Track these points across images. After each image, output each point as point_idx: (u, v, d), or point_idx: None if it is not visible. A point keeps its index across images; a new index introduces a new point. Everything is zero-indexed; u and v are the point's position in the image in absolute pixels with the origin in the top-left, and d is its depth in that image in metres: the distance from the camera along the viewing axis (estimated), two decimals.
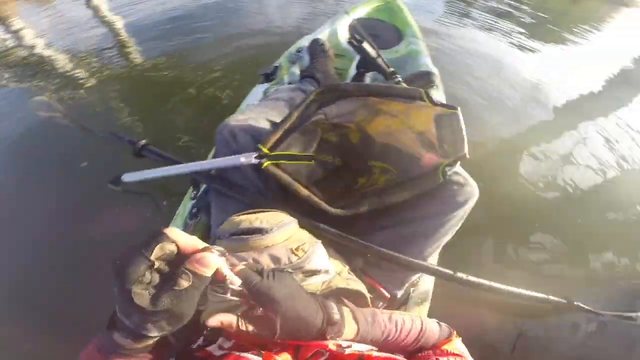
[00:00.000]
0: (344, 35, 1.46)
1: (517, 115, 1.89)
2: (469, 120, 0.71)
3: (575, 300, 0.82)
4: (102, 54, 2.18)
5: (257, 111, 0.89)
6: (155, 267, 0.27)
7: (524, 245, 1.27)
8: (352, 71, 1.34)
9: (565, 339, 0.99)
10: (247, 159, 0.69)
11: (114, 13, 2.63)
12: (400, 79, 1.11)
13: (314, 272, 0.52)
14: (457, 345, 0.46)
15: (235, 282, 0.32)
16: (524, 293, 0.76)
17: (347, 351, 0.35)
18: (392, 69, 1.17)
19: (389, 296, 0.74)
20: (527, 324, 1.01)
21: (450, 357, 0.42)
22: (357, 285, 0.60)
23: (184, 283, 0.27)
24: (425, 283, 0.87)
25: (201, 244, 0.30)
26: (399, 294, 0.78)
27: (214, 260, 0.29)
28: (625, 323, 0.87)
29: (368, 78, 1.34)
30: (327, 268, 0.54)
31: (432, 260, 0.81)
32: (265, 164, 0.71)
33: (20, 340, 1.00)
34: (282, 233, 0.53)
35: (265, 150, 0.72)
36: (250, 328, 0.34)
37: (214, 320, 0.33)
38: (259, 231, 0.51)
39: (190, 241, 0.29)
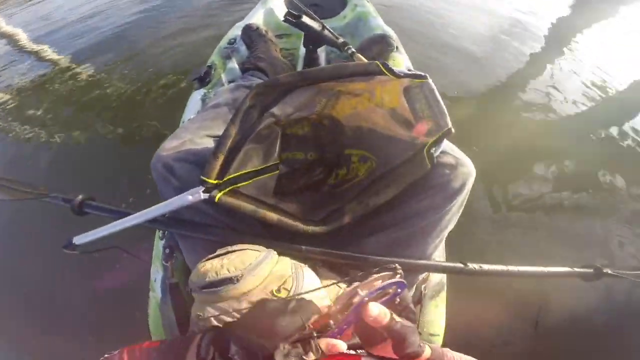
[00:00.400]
0: (281, 12, 1.28)
1: (495, 66, 1.77)
2: (445, 84, 0.57)
3: (599, 266, 0.74)
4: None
5: (194, 129, 0.73)
6: None
7: (532, 219, 1.20)
8: (302, 50, 1.18)
9: (594, 309, 0.94)
10: (195, 196, 0.57)
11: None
12: (353, 50, 0.96)
13: None
14: None
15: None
16: (544, 271, 0.67)
17: None
18: (342, 40, 1.01)
19: (397, 301, 0.65)
20: (552, 301, 0.95)
21: None
22: None
23: (312, 356, 0.32)
24: (436, 274, 0.78)
25: None
26: (409, 294, 0.68)
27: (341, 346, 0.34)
28: None
29: (322, 54, 1.18)
30: (318, 303, 0.47)
31: (438, 254, 0.71)
32: (218, 197, 0.58)
33: None
34: (257, 275, 0.48)
35: (211, 181, 0.58)
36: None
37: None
38: (229, 280, 0.46)
39: None
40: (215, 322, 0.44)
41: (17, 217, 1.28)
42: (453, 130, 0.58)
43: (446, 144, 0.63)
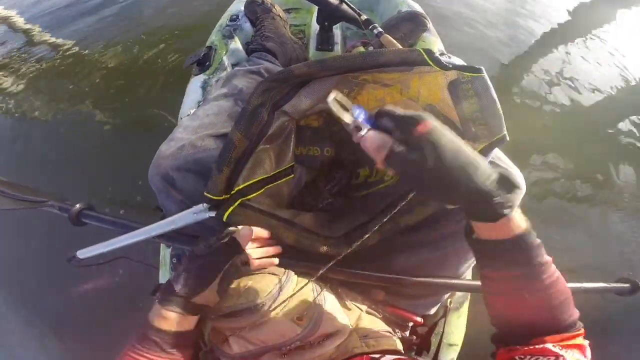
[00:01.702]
0: None
1: (506, 48, 1.60)
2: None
3: (637, 280, 0.67)
4: None
5: (194, 127, 0.62)
6: None
7: (563, 228, 1.09)
8: (315, 26, 1.03)
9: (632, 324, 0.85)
10: (200, 214, 0.51)
11: None
12: (380, 30, 0.81)
13: (326, 337, 0.45)
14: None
15: None
16: (576, 286, 0.61)
17: None
18: (364, 17, 0.86)
19: (421, 321, 0.62)
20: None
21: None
22: (381, 326, 0.52)
23: None
24: None
25: None
26: (433, 310, 0.65)
27: None
28: None
29: (337, 31, 1.03)
30: (340, 328, 0.47)
31: (469, 272, 0.64)
32: (226, 215, 0.50)
33: None
34: (276, 303, 0.46)
35: (216, 198, 0.50)
36: None
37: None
38: (249, 311, 0.45)
39: None
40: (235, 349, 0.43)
41: (20, 220, 1.20)
42: (507, 137, 0.47)
43: (494, 152, 0.53)
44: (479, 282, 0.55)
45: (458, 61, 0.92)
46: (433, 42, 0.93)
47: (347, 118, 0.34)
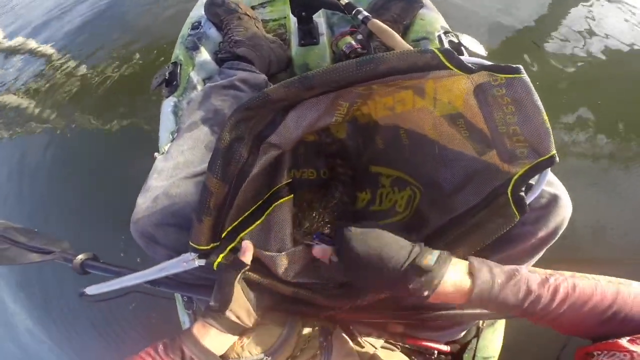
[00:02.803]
0: None
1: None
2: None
3: None
4: None
5: (168, 170, 0.58)
6: None
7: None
8: (294, 19, 0.90)
9: None
10: (189, 263, 0.47)
11: None
12: (365, 14, 0.67)
13: None
14: None
15: None
16: None
17: None
18: (345, 0, 0.72)
19: (448, 349, 0.57)
20: None
21: None
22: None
23: None
24: None
25: None
26: (462, 335, 0.61)
27: None
28: None
29: (320, 19, 0.90)
30: None
31: None
32: (216, 263, 0.45)
33: None
34: (280, 358, 0.44)
35: (202, 247, 0.45)
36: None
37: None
38: None
39: None
40: None
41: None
42: (557, 158, 0.36)
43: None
44: None
45: (474, 45, 0.78)
46: (434, 20, 0.79)
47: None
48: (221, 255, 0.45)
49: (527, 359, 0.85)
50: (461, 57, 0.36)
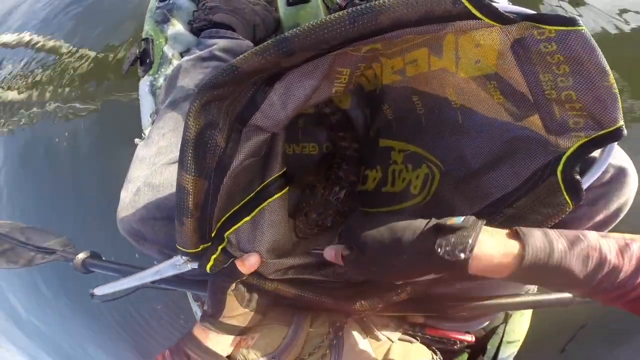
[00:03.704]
0: None
1: None
2: None
3: None
4: None
5: (150, 157, 0.53)
6: None
7: None
8: None
9: None
10: (181, 266, 0.44)
11: None
12: None
13: None
14: None
15: None
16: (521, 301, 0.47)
17: None
18: None
19: (472, 339, 0.53)
20: None
21: None
22: (418, 354, 0.46)
23: None
24: None
25: None
26: (487, 323, 0.56)
27: None
28: None
29: None
30: None
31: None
32: (209, 266, 0.39)
33: None
34: (289, 356, 0.42)
35: (191, 251, 0.39)
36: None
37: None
38: None
39: None
40: None
41: None
42: (625, 131, 0.28)
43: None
44: (550, 296, 0.46)
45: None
46: None
47: None
48: (213, 257, 0.40)
49: (552, 345, 0.82)
50: (493, 2, 0.26)
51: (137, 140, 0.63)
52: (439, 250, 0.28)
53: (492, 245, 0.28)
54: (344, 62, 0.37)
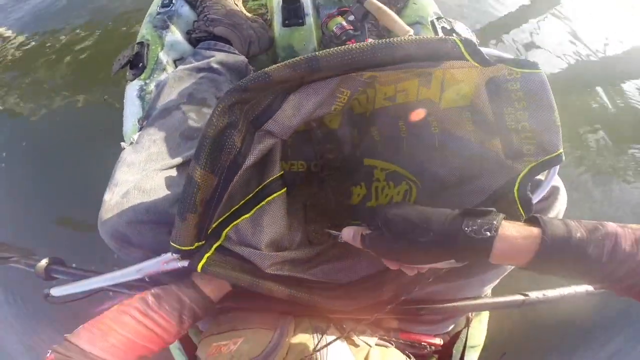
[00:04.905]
0: None
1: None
2: None
3: None
4: None
5: (140, 162, 0.53)
6: None
7: None
8: None
9: None
10: (170, 263, 0.45)
11: None
12: None
13: None
14: None
15: None
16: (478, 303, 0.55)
17: None
18: None
19: (440, 343, 0.58)
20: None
21: None
22: (394, 358, 0.48)
23: None
24: None
25: None
26: (452, 327, 0.62)
27: None
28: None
29: (307, 1, 0.86)
30: None
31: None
32: (200, 266, 0.41)
33: None
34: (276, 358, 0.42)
35: (185, 248, 0.40)
36: None
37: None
38: None
39: None
40: None
41: None
42: (564, 157, 0.36)
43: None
44: (505, 298, 0.54)
45: (466, 33, 0.76)
46: (427, 4, 0.76)
47: None
48: (206, 255, 0.41)
49: (511, 346, 0.90)
50: (479, 48, 0.33)
51: (123, 144, 0.63)
52: (467, 229, 0.29)
53: (514, 228, 0.29)
54: (347, 84, 0.42)
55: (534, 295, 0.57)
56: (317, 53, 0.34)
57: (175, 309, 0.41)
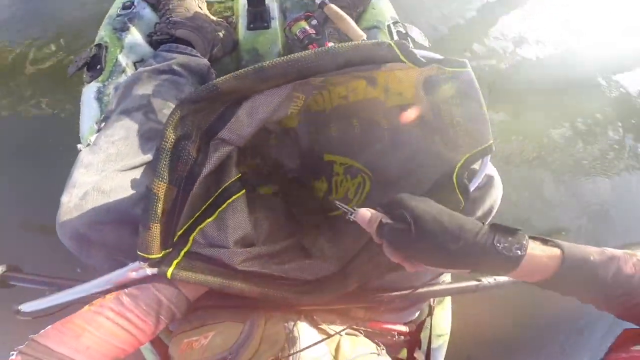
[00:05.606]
0: None
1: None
2: None
3: None
4: None
5: (98, 163, 0.53)
6: None
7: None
8: (243, 1, 0.87)
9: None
10: (140, 272, 0.44)
11: None
12: None
13: None
14: None
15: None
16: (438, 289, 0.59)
17: None
18: None
19: (407, 330, 0.60)
20: None
21: None
22: (363, 347, 0.49)
23: None
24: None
25: None
26: (417, 314, 0.65)
27: None
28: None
29: (273, 3, 0.87)
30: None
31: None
32: (170, 272, 0.41)
33: None
34: (245, 354, 0.42)
35: (153, 256, 0.41)
36: None
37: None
38: None
39: None
40: None
41: None
42: (494, 148, 0.40)
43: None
44: (461, 284, 0.57)
45: (420, 37, 0.81)
46: (385, 9, 0.81)
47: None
48: (175, 262, 0.42)
49: (480, 334, 0.95)
50: (414, 50, 0.36)
51: (79, 146, 0.62)
52: (499, 245, 0.31)
53: (539, 248, 0.32)
54: (301, 89, 0.44)
55: (486, 280, 0.59)
56: (263, 63, 0.37)
57: (153, 309, 0.41)
